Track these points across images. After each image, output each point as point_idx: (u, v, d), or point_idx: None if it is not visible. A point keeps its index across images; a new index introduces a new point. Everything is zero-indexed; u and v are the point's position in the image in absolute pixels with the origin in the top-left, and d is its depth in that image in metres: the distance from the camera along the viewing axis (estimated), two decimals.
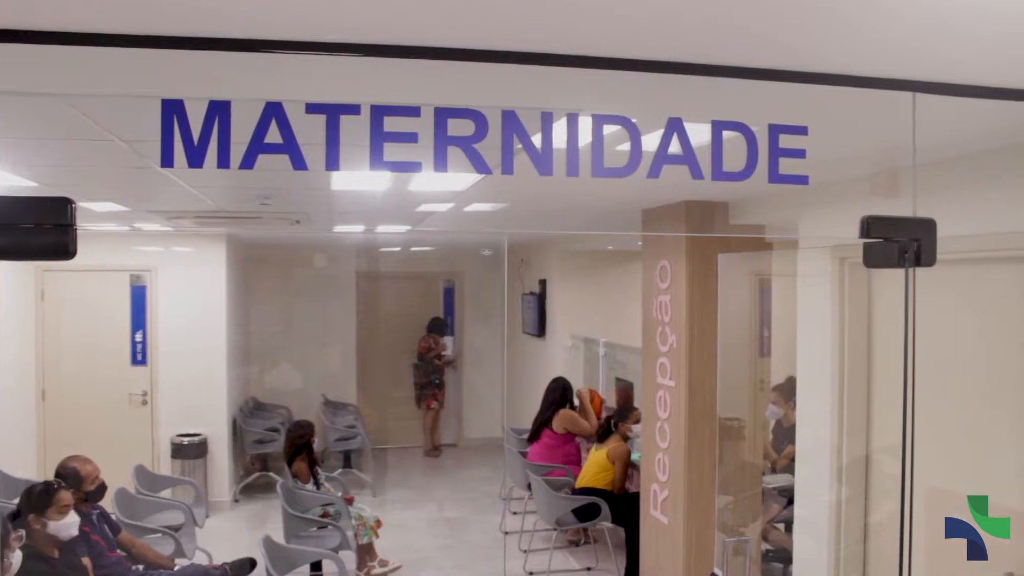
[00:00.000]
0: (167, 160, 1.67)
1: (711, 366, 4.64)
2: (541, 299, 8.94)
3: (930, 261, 1.97)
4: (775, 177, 1.88)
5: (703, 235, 4.67)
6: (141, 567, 4.55)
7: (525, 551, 6.46)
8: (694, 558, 4.68)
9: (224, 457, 7.87)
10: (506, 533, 7.05)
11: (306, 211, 5.79)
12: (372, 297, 10.62)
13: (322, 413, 9.05)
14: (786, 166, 1.91)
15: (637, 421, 6.02)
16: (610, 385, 7.73)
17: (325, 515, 5.77)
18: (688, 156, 1.83)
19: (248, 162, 1.68)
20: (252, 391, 9.87)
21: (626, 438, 6.11)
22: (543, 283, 8.98)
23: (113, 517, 4.60)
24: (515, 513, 7.51)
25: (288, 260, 10.09)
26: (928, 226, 1.99)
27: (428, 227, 6.60)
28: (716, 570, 2.72)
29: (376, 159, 1.72)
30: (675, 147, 1.88)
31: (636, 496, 5.58)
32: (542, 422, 6.85)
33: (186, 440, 7.57)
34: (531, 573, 6.08)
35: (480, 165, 1.73)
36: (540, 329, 8.88)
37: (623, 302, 7.54)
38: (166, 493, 7.10)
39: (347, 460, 8.59)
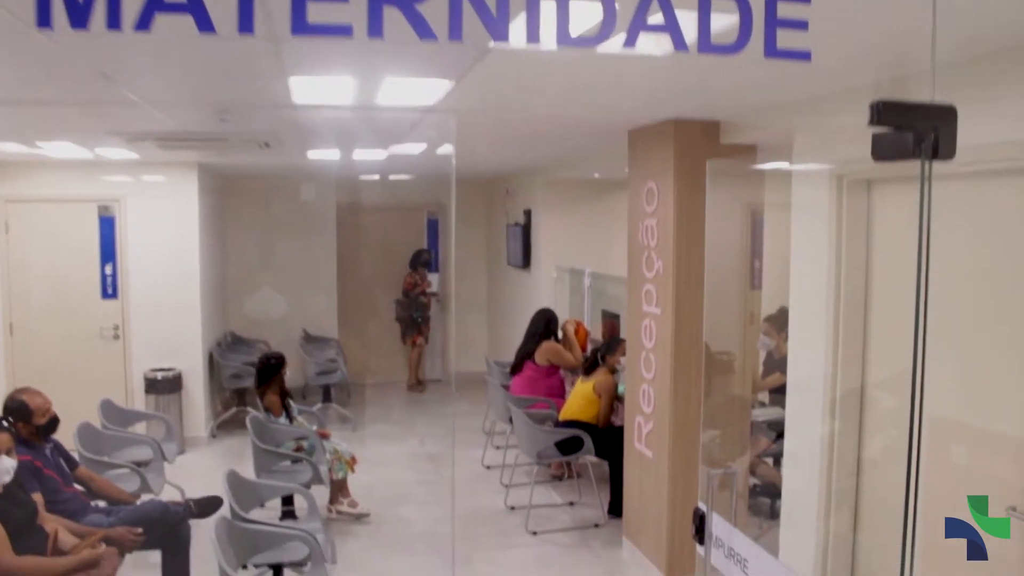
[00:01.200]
0: (43, 19, 1.38)
1: (699, 293, 4.41)
2: (526, 230, 8.67)
3: (949, 153, 1.70)
4: (772, 51, 1.61)
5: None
6: (102, 503, 4.35)
7: (506, 486, 6.31)
8: (679, 492, 4.51)
9: (200, 392, 7.66)
10: (488, 468, 6.89)
11: (273, 132, 5.47)
12: (354, 229, 10.33)
13: (301, 348, 8.83)
14: (785, 40, 1.64)
15: (624, 354, 5.81)
16: (596, 318, 7.51)
17: (299, 449, 5.58)
18: (670, 23, 1.55)
19: (144, 23, 1.40)
20: (231, 325, 9.64)
21: (613, 371, 5.91)
22: (528, 213, 8.70)
23: (72, 452, 4.38)
24: (498, 447, 7.35)
25: (265, 192, 9.77)
26: (948, 114, 1.72)
27: (403, 151, 6.29)
28: (700, 503, 2.51)
29: (299, 22, 1.44)
30: (656, 18, 1.60)
31: (621, 429, 5.40)
32: (525, 354, 6.63)
33: (160, 375, 7.34)
34: (512, 507, 5.92)
35: (423, 29, 1.45)
36: (525, 261, 8.63)
37: (610, 232, 7.29)
38: (140, 428, 6.93)
39: (327, 395, 8.39)
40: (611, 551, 5.17)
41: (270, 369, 5.67)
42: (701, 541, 2.54)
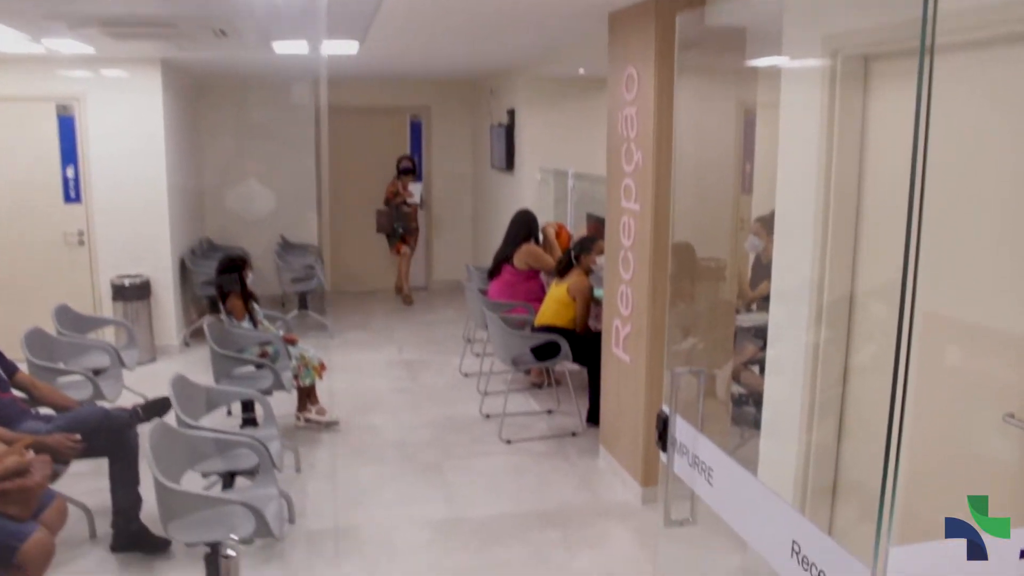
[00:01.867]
0: None
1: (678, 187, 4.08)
2: (509, 131, 8.27)
3: None
4: None
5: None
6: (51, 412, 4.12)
7: (483, 393, 6.10)
8: (656, 399, 4.27)
9: (170, 299, 7.39)
10: (465, 375, 6.68)
11: (227, 18, 5.04)
12: (333, 132, 9.90)
13: (277, 255, 8.52)
14: None
15: (601, 253, 5.51)
16: (581, 221, 7.19)
17: (264, 355, 5.34)
18: None
19: None
20: (207, 232, 9.33)
21: (588, 272, 5.62)
22: (511, 113, 8.28)
23: (7, 358, 4.12)
24: (477, 355, 7.14)
25: (239, 93, 9.34)
26: None
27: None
28: (663, 406, 2.25)
29: None
30: None
31: (600, 335, 5.15)
32: (503, 258, 6.34)
33: (127, 281, 7.06)
34: (487, 415, 5.72)
35: None
36: (508, 163, 8.25)
37: (595, 130, 6.91)
38: (110, 336, 6.70)
39: (303, 302, 8.13)
40: (587, 460, 4.98)
41: (231, 271, 5.38)
42: (664, 448, 2.29)
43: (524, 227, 6.32)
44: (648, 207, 4.12)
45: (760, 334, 4.98)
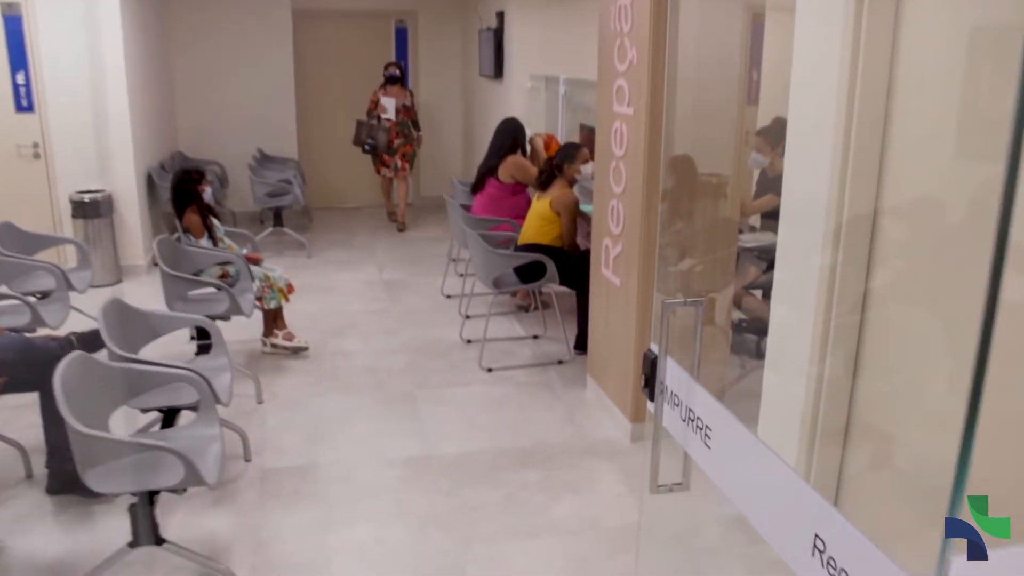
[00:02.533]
0: None
1: (676, 90, 3.58)
2: (498, 35, 7.66)
3: None
4: None
5: None
6: None
7: (466, 316, 5.70)
8: (648, 326, 3.86)
9: (135, 217, 6.92)
10: (448, 297, 6.26)
11: None
12: (314, 38, 9.27)
13: (250, 168, 8.00)
14: None
15: (587, 161, 5.03)
16: (574, 131, 6.67)
17: (224, 276, 4.91)
18: None
19: None
20: (179, 145, 8.80)
21: (573, 182, 5.13)
22: (500, 16, 7.66)
23: None
24: (460, 275, 6.71)
25: None
26: None
27: None
28: (652, 344, 1.82)
29: None
30: None
31: (589, 254, 4.73)
32: (487, 170, 5.85)
33: (87, 197, 6.58)
34: (468, 341, 5.33)
35: None
36: (497, 69, 7.67)
37: (590, 32, 6.34)
38: (71, 257, 6.27)
39: (278, 218, 7.65)
40: (573, 391, 4.59)
41: (186, 184, 4.90)
42: (652, 397, 1.87)
43: (509, 137, 5.81)
44: (642, 112, 3.62)
45: (765, 255, 4.54)
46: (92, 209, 6.60)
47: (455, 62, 9.63)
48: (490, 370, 4.87)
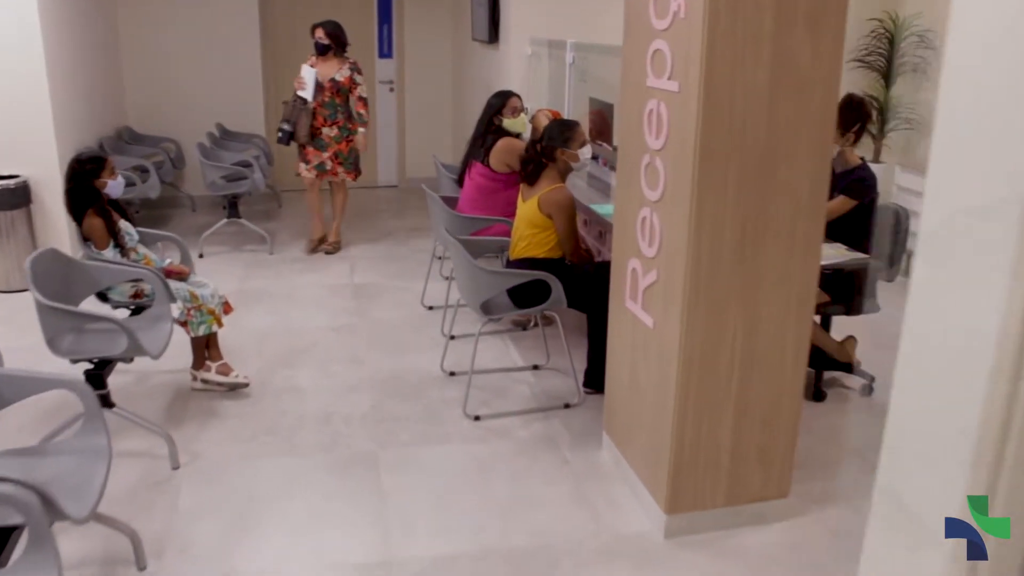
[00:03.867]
0: None
1: (751, 48, 2.48)
2: None
3: None
4: None
5: None
6: None
7: (449, 337, 4.63)
8: (700, 396, 2.78)
9: (60, 206, 5.80)
10: (430, 308, 5.18)
11: None
12: (282, 1, 8.11)
13: (199, 147, 6.86)
14: None
15: (584, 143, 3.93)
16: (583, 108, 5.56)
17: (138, 296, 3.83)
18: None
19: None
20: (128, 119, 7.67)
21: (567, 172, 3.99)
22: None
23: None
24: (446, 278, 5.64)
25: None
26: None
27: None
28: None
29: None
30: None
31: (604, 267, 3.66)
32: (475, 155, 4.74)
33: None
34: (452, 373, 4.26)
35: None
36: (493, 33, 6.53)
37: None
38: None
39: (233, 208, 6.54)
40: (585, 451, 3.53)
41: (82, 179, 3.80)
42: None
43: (497, 115, 4.70)
44: (694, 84, 2.52)
45: (833, 277, 3.46)
46: (5, 198, 5.50)
47: (444, 25, 8.46)
48: (477, 418, 3.80)
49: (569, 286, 3.77)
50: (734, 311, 2.74)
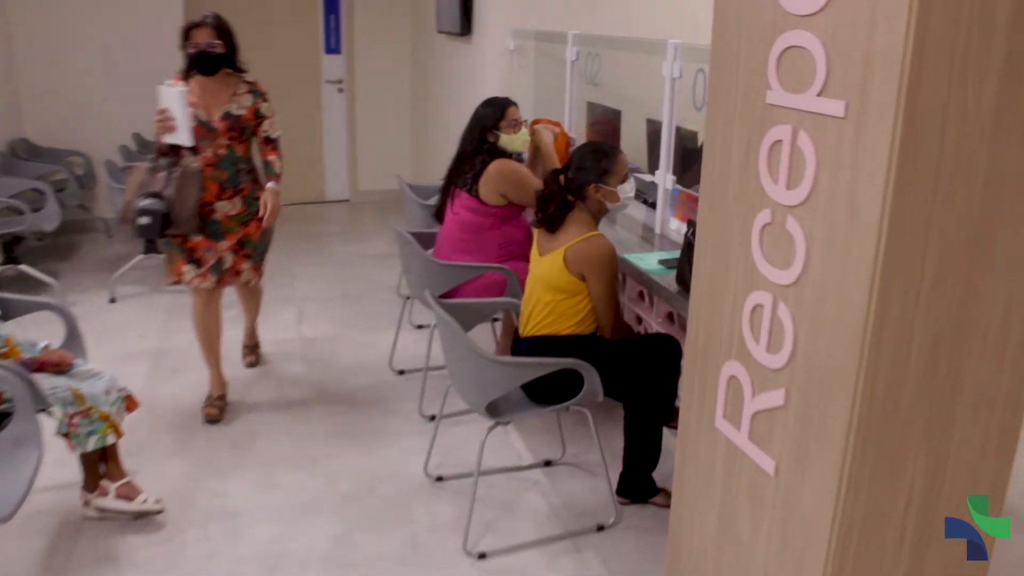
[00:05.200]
0: None
1: (968, 48, 1.47)
2: None
3: None
4: None
5: None
6: None
7: (428, 419, 3.58)
8: (861, 570, 1.78)
9: None
10: (401, 373, 4.12)
11: None
12: None
13: (108, 172, 5.67)
14: None
15: (626, 178, 2.89)
16: (579, 118, 4.55)
17: None
18: None
19: None
20: (24, 130, 6.44)
21: (601, 214, 2.94)
22: None
23: None
24: (419, 327, 4.61)
25: None
26: None
27: None
28: None
29: None
30: None
31: (648, 342, 2.67)
32: (458, 182, 3.66)
33: None
34: (439, 478, 3.20)
35: None
36: (464, 23, 5.46)
37: None
38: None
39: (150, 242, 5.36)
40: None
41: None
42: None
43: (492, 130, 3.63)
44: (882, 110, 1.49)
45: None
46: None
47: (402, 14, 7.36)
48: (483, 556, 2.75)
49: (604, 367, 2.74)
50: (914, 453, 1.74)
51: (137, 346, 4.37)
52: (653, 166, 3.79)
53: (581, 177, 2.81)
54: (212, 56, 3.38)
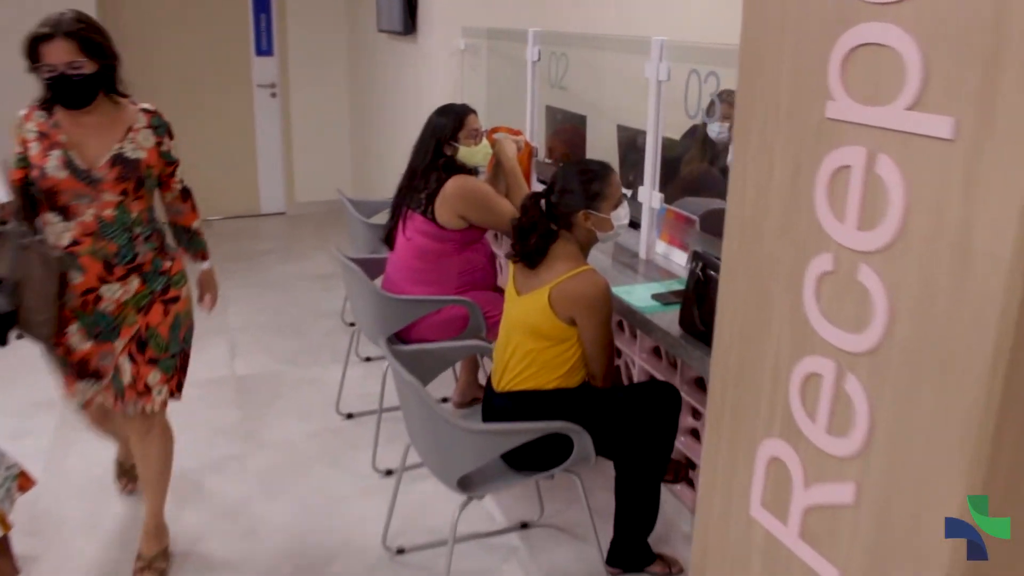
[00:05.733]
0: None
1: None
2: None
3: None
4: None
5: None
6: None
7: (385, 474, 3.13)
8: None
9: None
10: (348, 416, 3.65)
11: None
12: None
13: None
14: None
15: (620, 202, 2.47)
16: (539, 126, 4.12)
17: None
18: None
19: None
20: None
21: (589, 244, 2.47)
22: None
23: None
24: (367, 359, 4.16)
25: None
26: None
27: None
28: None
29: None
30: None
31: (641, 390, 2.27)
32: (410, 202, 3.20)
33: None
34: (400, 551, 2.74)
35: None
36: (408, 22, 5.00)
37: None
38: None
39: None
40: None
41: None
42: None
43: (449, 142, 3.18)
44: (1012, 130, 1.10)
45: None
46: None
47: (338, 13, 6.85)
48: None
49: (595, 424, 2.32)
50: None
51: (45, 393, 3.82)
52: (625, 179, 3.39)
53: (567, 202, 2.38)
54: (77, 82, 2.26)
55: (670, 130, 3.29)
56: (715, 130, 3.74)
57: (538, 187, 3.51)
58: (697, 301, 2.17)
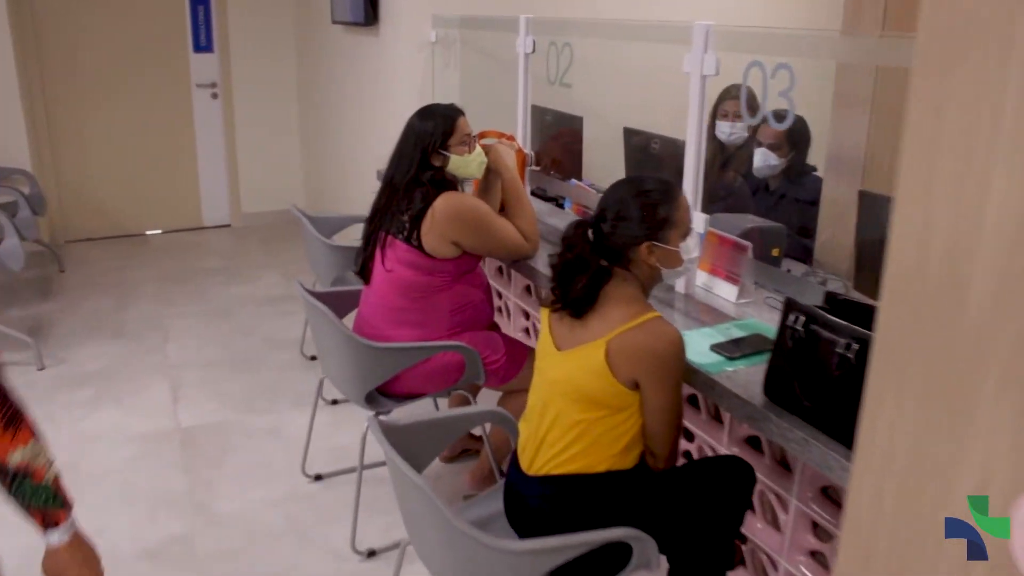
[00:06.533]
0: None
1: None
2: None
3: None
4: None
5: None
6: None
7: (369, 554, 2.57)
8: None
9: None
10: (317, 478, 3.07)
11: None
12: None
13: None
14: None
15: (689, 231, 1.92)
16: (535, 127, 3.57)
17: None
18: None
19: None
20: None
21: (652, 285, 1.94)
22: None
23: None
24: (333, 402, 3.59)
25: None
26: None
27: None
28: None
29: None
30: None
31: (697, 470, 1.77)
32: (390, 227, 2.63)
33: None
34: None
35: None
36: (369, 11, 4.41)
37: None
38: None
39: None
40: None
41: None
42: None
43: (433, 150, 2.62)
44: None
45: None
46: None
47: (285, 5, 6.22)
48: None
49: (655, 516, 1.80)
50: None
51: None
52: None
53: (625, 232, 1.84)
54: None
55: (670, 130, 2.81)
56: (725, 131, 3.26)
57: (532, 202, 2.97)
58: (793, 365, 1.65)
